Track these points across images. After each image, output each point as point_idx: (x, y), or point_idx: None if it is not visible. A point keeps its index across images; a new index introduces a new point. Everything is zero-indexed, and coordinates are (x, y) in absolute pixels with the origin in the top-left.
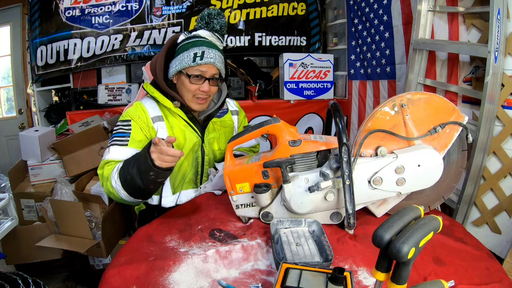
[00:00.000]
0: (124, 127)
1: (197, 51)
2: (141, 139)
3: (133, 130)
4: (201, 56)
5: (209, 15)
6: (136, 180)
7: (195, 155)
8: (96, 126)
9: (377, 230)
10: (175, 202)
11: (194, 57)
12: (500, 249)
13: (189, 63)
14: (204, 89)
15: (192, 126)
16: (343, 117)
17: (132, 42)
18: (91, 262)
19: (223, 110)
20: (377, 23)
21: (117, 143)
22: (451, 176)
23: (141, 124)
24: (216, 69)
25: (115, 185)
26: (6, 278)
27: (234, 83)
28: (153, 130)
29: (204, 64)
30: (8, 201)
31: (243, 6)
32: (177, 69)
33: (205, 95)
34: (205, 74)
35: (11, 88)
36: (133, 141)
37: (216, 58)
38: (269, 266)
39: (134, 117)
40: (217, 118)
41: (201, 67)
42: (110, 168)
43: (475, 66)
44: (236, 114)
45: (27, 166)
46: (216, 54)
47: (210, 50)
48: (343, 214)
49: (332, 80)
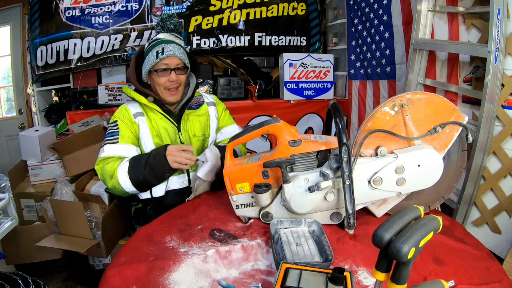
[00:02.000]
0: (113, 127)
1: (158, 49)
2: (129, 135)
3: (121, 129)
4: (162, 52)
5: (162, 19)
6: (150, 180)
7: (175, 143)
8: (96, 126)
9: (377, 230)
10: (165, 190)
11: (156, 54)
12: (500, 249)
13: (154, 60)
14: (172, 79)
15: (168, 117)
16: (343, 117)
17: (132, 42)
18: (91, 262)
19: (199, 103)
20: (377, 23)
21: (109, 142)
22: (451, 176)
23: (126, 121)
24: (178, 59)
25: (124, 184)
26: (6, 278)
27: (234, 83)
28: (135, 124)
29: (166, 57)
30: (8, 201)
31: (243, 6)
32: (147, 69)
33: (175, 84)
34: (169, 66)
35: (11, 88)
36: (122, 138)
37: (176, 50)
38: (269, 266)
39: (119, 117)
40: (192, 110)
41: (164, 61)
42: (111, 166)
43: (475, 66)
44: (213, 105)
45: (27, 166)
46: (175, 47)
47: (169, 45)
48: (343, 214)
49: (332, 80)
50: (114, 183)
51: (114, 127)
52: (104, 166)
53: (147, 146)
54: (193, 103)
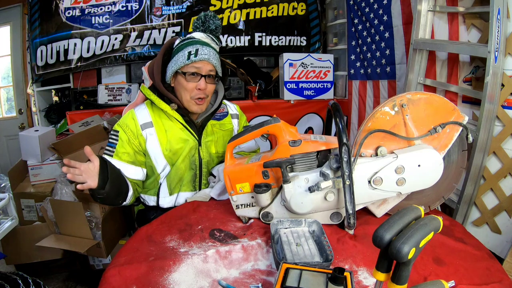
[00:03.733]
0: (113, 137)
1: (191, 50)
2: (126, 150)
3: (119, 142)
4: (195, 54)
5: (206, 16)
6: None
7: (192, 158)
8: (96, 126)
9: (378, 230)
10: (173, 204)
11: (188, 55)
12: (500, 249)
13: (184, 61)
14: (201, 86)
15: (189, 129)
16: (343, 117)
17: (132, 42)
18: (91, 262)
19: (223, 113)
20: (377, 23)
21: (106, 153)
22: (451, 176)
23: (128, 133)
24: (212, 66)
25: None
26: (6, 278)
27: (234, 83)
28: (141, 138)
29: (198, 61)
30: (8, 201)
31: (243, 6)
32: (173, 70)
33: (202, 94)
34: (200, 71)
35: (11, 88)
36: (116, 153)
37: (211, 55)
38: (269, 266)
39: (123, 126)
40: (216, 120)
41: (196, 64)
42: None
43: (475, 66)
44: (236, 117)
45: (27, 166)
46: (210, 51)
47: (204, 47)
48: (343, 214)
49: (332, 80)
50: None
51: (114, 137)
52: None
53: (158, 160)
54: (217, 112)
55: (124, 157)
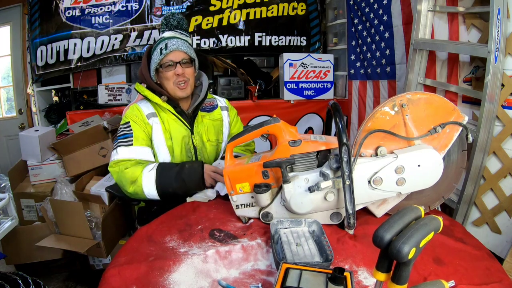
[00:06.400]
0: (125, 129)
1: (161, 46)
2: (143, 137)
3: (134, 130)
4: (165, 47)
5: (166, 17)
6: (179, 193)
7: (187, 147)
8: (96, 126)
9: (378, 230)
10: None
11: (160, 51)
12: (500, 249)
13: (159, 57)
14: (179, 72)
15: (181, 119)
16: (343, 117)
17: (132, 42)
18: (91, 262)
19: (213, 106)
20: (377, 23)
21: (123, 144)
22: (451, 176)
23: (139, 122)
24: (183, 53)
25: (148, 192)
26: (6, 278)
27: (234, 83)
28: (149, 125)
29: (169, 52)
30: (8, 201)
31: (243, 6)
32: (154, 67)
33: (182, 78)
34: (174, 60)
35: (11, 88)
36: (136, 140)
37: (179, 44)
38: (269, 266)
39: (132, 118)
40: (206, 112)
41: (168, 56)
42: (133, 171)
43: (475, 66)
44: (226, 110)
45: (27, 166)
46: (178, 41)
47: (172, 40)
48: (343, 214)
49: (332, 80)
50: (136, 190)
51: (127, 129)
52: (124, 171)
53: (160, 149)
54: (207, 105)
55: (144, 142)
